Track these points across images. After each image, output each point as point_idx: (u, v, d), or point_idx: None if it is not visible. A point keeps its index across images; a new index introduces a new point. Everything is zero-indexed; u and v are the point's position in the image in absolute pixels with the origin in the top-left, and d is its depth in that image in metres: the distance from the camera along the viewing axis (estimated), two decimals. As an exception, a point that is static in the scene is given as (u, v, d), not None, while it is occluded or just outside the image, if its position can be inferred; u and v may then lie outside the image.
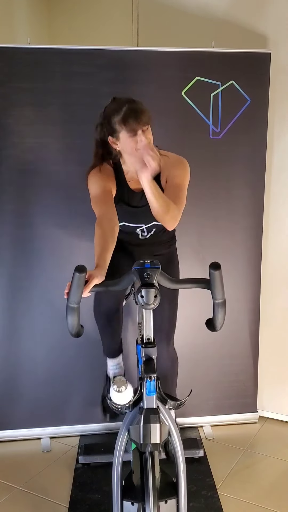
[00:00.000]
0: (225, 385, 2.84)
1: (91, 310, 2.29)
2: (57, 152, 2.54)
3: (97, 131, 2.02)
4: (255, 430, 2.84)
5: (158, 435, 1.59)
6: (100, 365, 2.49)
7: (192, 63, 2.54)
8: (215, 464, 2.49)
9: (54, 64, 2.47)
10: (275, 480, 2.39)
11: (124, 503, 1.66)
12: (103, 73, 2.50)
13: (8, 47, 2.44)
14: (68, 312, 1.55)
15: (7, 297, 2.63)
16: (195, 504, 2.17)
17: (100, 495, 2.27)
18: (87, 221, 2.25)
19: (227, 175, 2.66)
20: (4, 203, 2.55)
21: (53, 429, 2.75)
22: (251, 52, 2.57)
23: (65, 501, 2.23)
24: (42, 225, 2.59)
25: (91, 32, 3.11)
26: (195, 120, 2.58)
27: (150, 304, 1.55)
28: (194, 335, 2.68)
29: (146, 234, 2.17)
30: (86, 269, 1.51)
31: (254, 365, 2.87)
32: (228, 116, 2.60)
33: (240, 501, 2.22)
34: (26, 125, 2.50)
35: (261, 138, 2.65)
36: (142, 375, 1.63)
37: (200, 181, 2.52)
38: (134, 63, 2.52)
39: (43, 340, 2.68)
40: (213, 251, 2.68)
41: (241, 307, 2.79)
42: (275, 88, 2.64)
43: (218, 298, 1.56)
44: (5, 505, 2.22)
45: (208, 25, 2.76)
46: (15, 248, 2.60)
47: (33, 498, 2.27)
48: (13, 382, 2.69)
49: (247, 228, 2.73)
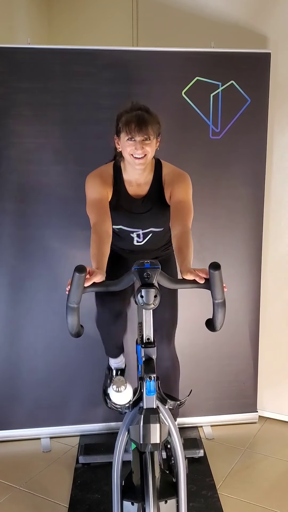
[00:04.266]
0: (225, 385, 2.84)
1: (91, 310, 2.29)
2: (57, 152, 2.54)
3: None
4: (255, 430, 2.84)
5: (158, 435, 1.59)
6: (100, 365, 2.49)
7: (192, 63, 2.54)
8: (215, 464, 2.49)
9: (54, 64, 2.47)
10: (275, 480, 2.39)
11: (124, 503, 1.66)
12: (103, 73, 2.50)
13: (8, 47, 2.44)
14: (68, 312, 1.55)
15: (7, 297, 2.63)
16: (195, 504, 2.17)
17: (100, 495, 2.27)
18: (87, 221, 2.24)
19: (227, 175, 2.66)
20: (4, 203, 2.55)
21: (53, 429, 2.75)
22: (251, 52, 2.57)
23: (65, 501, 2.23)
24: (42, 225, 2.59)
25: (91, 32, 3.11)
26: (195, 120, 2.58)
27: (150, 304, 1.56)
28: (194, 335, 2.68)
29: (142, 240, 2.18)
30: (86, 269, 1.52)
31: (254, 365, 2.87)
32: (228, 116, 2.60)
33: (240, 501, 2.22)
34: (26, 125, 2.50)
35: (261, 138, 2.65)
36: (142, 375, 1.63)
37: (200, 181, 2.52)
38: (134, 63, 2.52)
39: (43, 340, 2.68)
40: (213, 251, 2.68)
41: (241, 307, 2.79)
42: (275, 88, 2.64)
43: (218, 298, 1.56)
44: (5, 505, 2.22)
45: (208, 25, 2.76)
46: (15, 248, 2.60)
47: (33, 498, 2.27)
48: (13, 382, 2.69)
49: (247, 228, 2.73)
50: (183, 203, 1.97)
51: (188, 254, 1.76)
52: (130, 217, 2.10)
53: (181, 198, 1.98)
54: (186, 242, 1.82)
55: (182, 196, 1.99)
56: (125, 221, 2.11)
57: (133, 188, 2.08)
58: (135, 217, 2.10)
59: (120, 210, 2.08)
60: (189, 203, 1.99)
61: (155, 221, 2.12)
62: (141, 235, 2.15)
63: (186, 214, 1.94)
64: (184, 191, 2.01)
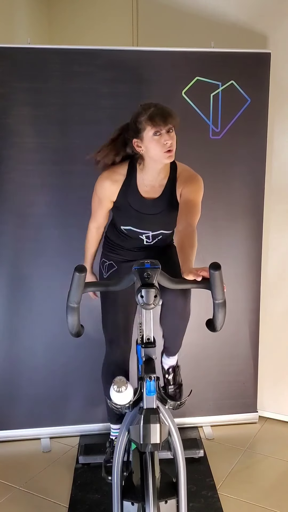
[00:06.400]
0: (225, 385, 2.84)
1: (91, 310, 2.29)
2: (57, 152, 2.54)
3: (117, 132, 2.05)
4: (255, 430, 2.84)
5: (158, 435, 1.59)
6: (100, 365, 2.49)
7: (192, 63, 2.54)
8: (215, 464, 2.49)
9: (54, 64, 2.47)
10: (275, 480, 2.39)
11: (124, 503, 1.66)
12: (103, 73, 2.50)
13: (8, 47, 2.44)
14: (68, 311, 1.55)
15: (7, 297, 2.63)
16: (195, 504, 2.17)
17: (100, 495, 2.27)
18: (87, 221, 2.25)
19: (227, 175, 2.66)
20: (4, 203, 2.55)
21: (53, 429, 2.75)
22: (251, 52, 2.57)
23: (65, 501, 2.23)
24: (42, 225, 2.59)
25: (91, 32, 3.11)
26: (195, 120, 2.58)
27: (150, 304, 1.55)
28: (194, 335, 2.68)
29: (151, 240, 2.17)
30: (86, 269, 1.53)
31: (254, 365, 2.87)
32: (228, 116, 2.60)
33: (240, 501, 2.22)
34: (26, 125, 2.50)
35: (261, 138, 2.65)
36: (142, 375, 1.63)
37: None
38: (134, 63, 2.52)
39: (43, 340, 2.68)
40: (213, 251, 2.68)
41: (241, 308, 2.79)
42: (275, 88, 2.64)
43: (218, 299, 1.55)
44: (5, 505, 2.22)
45: (208, 25, 2.76)
46: (15, 247, 2.60)
47: (33, 498, 2.27)
48: (13, 382, 2.69)
49: (247, 228, 2.73)
50: (191, 203, 1.96)
51: (191, 254, 1.75)
52: (140, 218, 2.08)
53: (190, 198, 1.97)
54: (190, 241, 1.81)
55: (192, 196, 1.98)
56: (135, 222, 2.09)
57: (146, 189, 2.06)
58: (145, 218, 2.08)
59: (131, 211, 2.07)
60: (197, 204, 1.98)
61: (166, 224, 2.10)
62: (150, 236, 2.14)
63: (193, 214, 1.94)
64: (195, 192, 2.01)
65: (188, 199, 1.98)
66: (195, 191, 2.01)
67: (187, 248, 1.78)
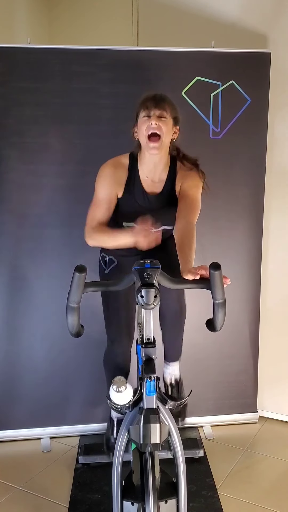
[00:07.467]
0: (225, 385, 2.84)
1: (91, 310, 2.28)
2: (57, 152, 2.54)
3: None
4: (255, 430, 2.84)
5: (158, 435, 1.59)
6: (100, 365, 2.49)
7: (192, 63, 2.54)
8: (215, 464, 2.49)
9: (54, 64, 2.48)
10: (275, 480, 2.39)
11: (124, 503, 1.66)
12: (103, 73, 2.50)
13: (8, 47, 2.45)
14: (68, 311, 1.55)
15: (7, 297, 2.63)
16: (195, 504, 2.17)
17: (100, 495, 2.27)
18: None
19: (227, 175, 2.66)
20: (4, 203, 2.55)
21: (53, 429, 2.75)
22: (251, 52, 2.57)
23: (65, 501, 2.23)
24: (42, 225, 2.59)
25: (91, 32, 3.11)
26: (195, 120, 2.58)
27: (150, 304, 1.55)
28: (194, 335, 2.68)
29: None
30: (86, 269, 1.52)
31: (254, 365, 2.87)
32: (228, 116, 2.60)
33: (240, 501, 2.22)
34: (26, 125, 2.50)
35: (261, 138, 2.65)
36: (142, 375, 1.63)
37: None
38: (134, 63, 2.52)
39: (43, 340, 2.68)
40: (213, 251, 2.68)
41: (241, 307, 2.79)
42: (275, 88, 2.64)
43: (218, 298, 1.55)
44: (5, 505, 2.22)
45: (208, 25, 2.76)
46: (15, 248, 2.60)
47: (33, 498, 2.27)
48: (13, 382, 2.69)
49: (247, 228, 2.73)
50: (190, 198, 1.96)
51: (190, 254, 1.74)
52: (144, 214, 2.08)
53: (189, 193, 1.97)
54: (189, 241, 1.80)
55: (192, 192, 1.98)
56: (137, 218, 2.09)
57: (148, 184, 2.06)
58: (148, 214, 2.08)
59: (136, 206, 2.06)
60: (197, 200, 1.98)
61: (168, 219, 2.09)
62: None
63: (192, 210, 1.93)
64: (194, 187, 2.00)
65: (187, 194, 1.97)
66: (195, 186, 2.01)
67: (186, 248, 1.77)
